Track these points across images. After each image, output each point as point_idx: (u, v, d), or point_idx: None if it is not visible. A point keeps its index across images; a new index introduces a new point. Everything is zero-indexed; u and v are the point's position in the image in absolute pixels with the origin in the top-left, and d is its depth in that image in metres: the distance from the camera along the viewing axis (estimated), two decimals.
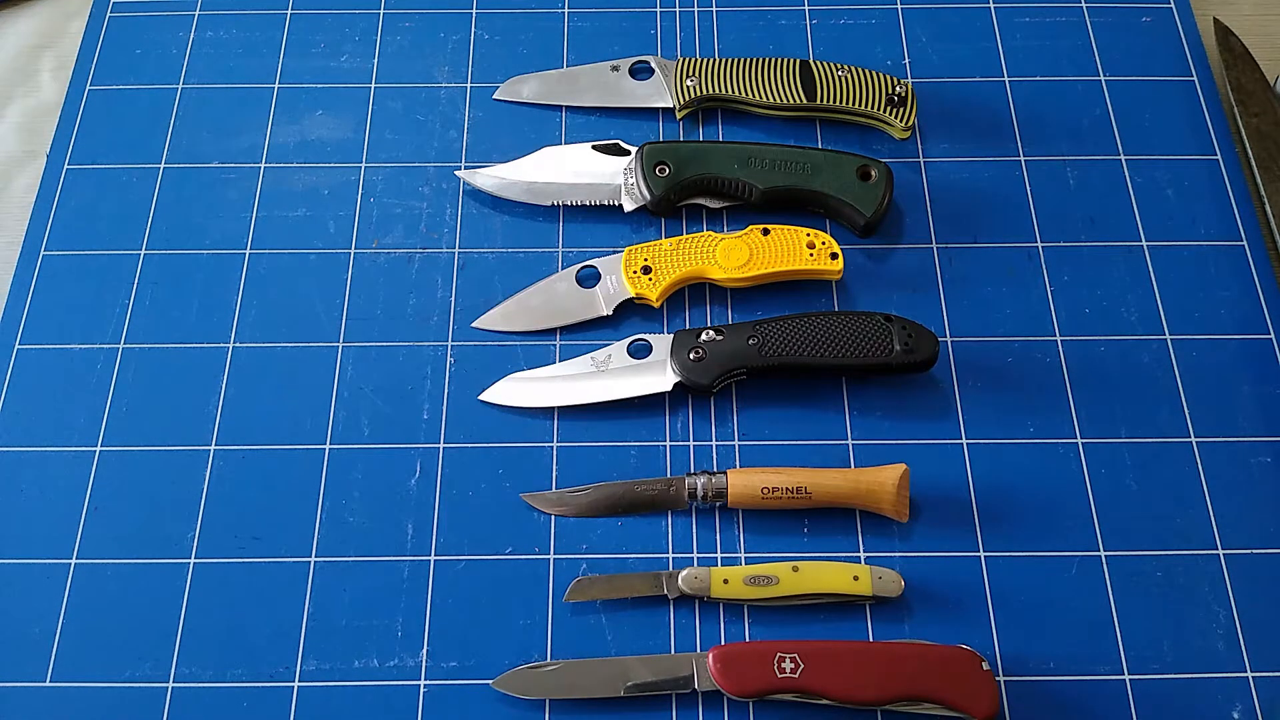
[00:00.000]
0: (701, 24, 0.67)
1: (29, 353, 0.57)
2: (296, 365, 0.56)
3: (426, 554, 0.51)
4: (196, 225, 0.60)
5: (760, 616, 0.50)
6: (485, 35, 0.67)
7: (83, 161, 0.62)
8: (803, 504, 0.50)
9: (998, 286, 0.58)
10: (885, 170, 0.58)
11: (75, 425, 0.54)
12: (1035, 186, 0.61)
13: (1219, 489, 0.52)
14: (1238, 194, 0.60)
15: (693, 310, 0.58)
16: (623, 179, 0.59)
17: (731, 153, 0.59)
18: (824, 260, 0.56)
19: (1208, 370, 0.55)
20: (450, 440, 0.54)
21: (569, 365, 0.55)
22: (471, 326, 0.57)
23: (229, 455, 0.54)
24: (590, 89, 0.64)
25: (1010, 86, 0.64)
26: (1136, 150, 0.62)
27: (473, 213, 0.61)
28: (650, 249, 0.57)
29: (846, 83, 0.61)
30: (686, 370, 0.53)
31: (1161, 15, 0.67)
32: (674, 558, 0.51)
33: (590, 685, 0.47)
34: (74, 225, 0.60)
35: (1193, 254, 0.59)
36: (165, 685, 0.48)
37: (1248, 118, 0.62)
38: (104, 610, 0.50)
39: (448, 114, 0.64)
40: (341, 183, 0.61)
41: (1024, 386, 0.55)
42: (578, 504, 0.52)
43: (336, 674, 0.49)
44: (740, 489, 0.50)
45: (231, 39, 0.67)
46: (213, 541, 0.51)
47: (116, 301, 0.58)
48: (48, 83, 0.67)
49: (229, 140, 0.63)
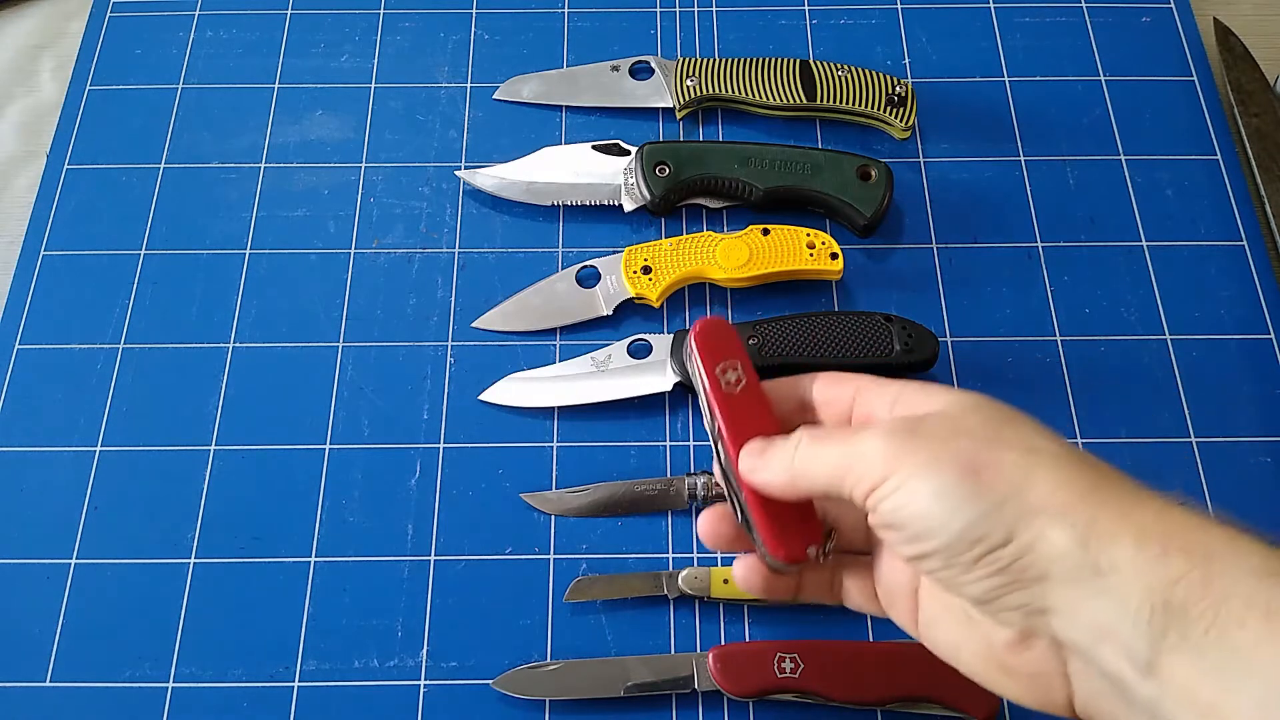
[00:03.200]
0: (701, 24, 0.67)
1: (29, 353, 0.56)
2: (296, 365, 0.56)
3: (426, 554, 0.51)
4: (196, 225, 0.60)
5: (760, 616, 0.50)
6: (485, 35, 0.67)
7: (83, 161, 0.62)
8: None
9: (998, 286, 0.58)
10: (885, 170, 0.58)
11: (75, 425, 0.54)
12: (1035, 186, 0.61)
13: (1219, 489, 0.52)
14: (1238, 194, 0.60)
15: (693, 310, 0.58)
16: (623, 179, 0.59)
17: (731, 153, 0.59)
18: (824, 260, 0.56)
19: (1208, 370, 0.55)
20: (450, 440, 0.54)
21: (569, 365, 0.55)
22: (471, 326, 0.57)
23: (229, 455, 0.54)
24: (590, 89, 0.64)
25: (1010, 86, 0.64)
26: (1136, 150, 0.62)
27: (473, 213, 0.61)
28: (650, 249, 0.57)
29: (846, 83, 0.61)
30: (687, 370, 0.53)
31: (1161, 15, 0.67)
32: (674, 558, 0.51)
33: (590, 685, 0.47)
34: (74, 225, 0.60)
35: (1193, 254, 0.59)
36: (165, 685, 0.48)
37: (1248, 118, 0.62)
38: (104, 610, 0.50)
39: (448, 114, 0.64)
40: (341, 183, 0.61)
41: (1024, 386, 0.55)
42: (578, 504, 0.52)
43: (336, 674, 0.49)
44: None
45: (231, 39, 0.67)
46: (213, 541, 0.51)
47: (116, 301, 0.58)
48: (48, 83, 0.67)
49: (229, 140, 0.63)
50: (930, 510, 0.30)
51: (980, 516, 0.30)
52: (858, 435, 0.33)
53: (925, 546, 0.31)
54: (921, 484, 0.30)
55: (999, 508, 0.30)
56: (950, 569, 0.31)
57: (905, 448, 0.31)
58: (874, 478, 0.31)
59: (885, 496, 0.31)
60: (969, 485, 0.30)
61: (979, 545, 0.30)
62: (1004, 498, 0.30)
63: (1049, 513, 0.29)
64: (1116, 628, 0.28)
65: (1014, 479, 0.30)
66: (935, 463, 0.31)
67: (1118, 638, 0.28)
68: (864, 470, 0.32)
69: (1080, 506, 0.29)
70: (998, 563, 0.30)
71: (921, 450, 0.31)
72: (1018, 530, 0.29)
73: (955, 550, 0.30)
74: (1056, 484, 0.30)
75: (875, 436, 0.32)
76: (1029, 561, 0.29)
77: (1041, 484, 0.30)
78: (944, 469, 0.30)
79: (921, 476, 0.31)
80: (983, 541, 0.30)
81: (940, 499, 0.30)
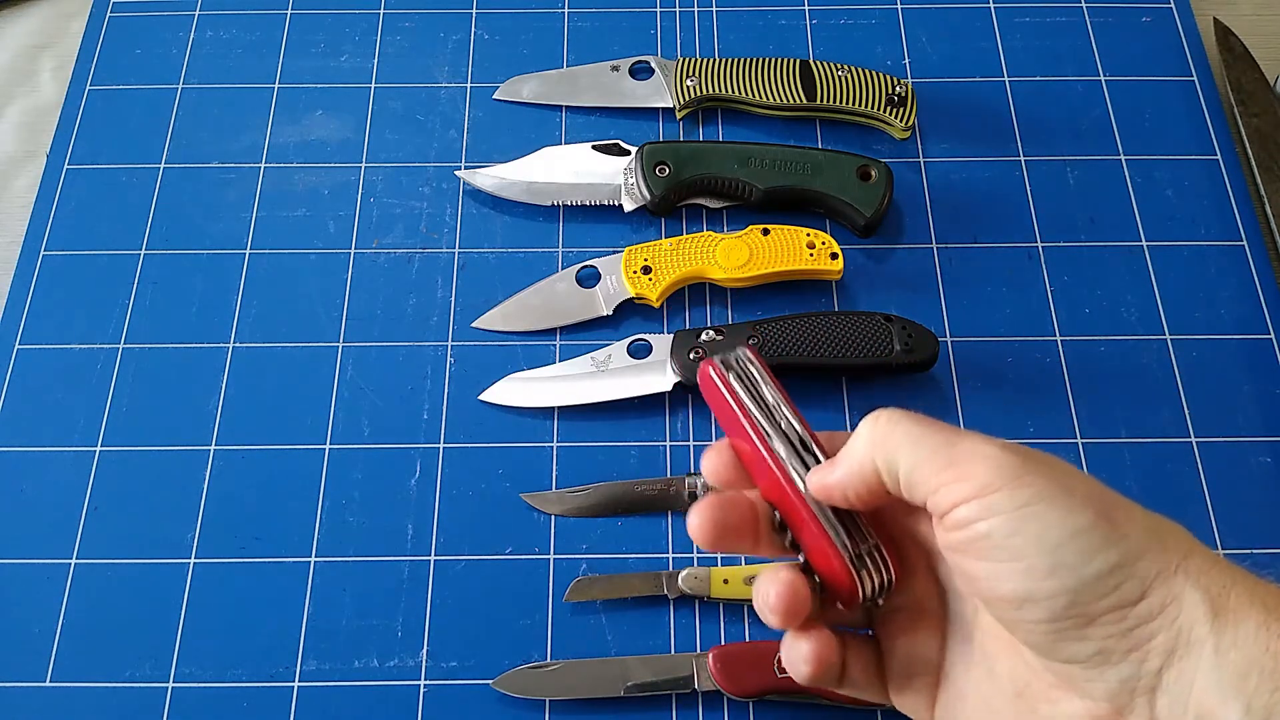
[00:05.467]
0: (701, 24, 0.67)
1: (29, 353, 0.56)
2: (296, 365, 0.56)
3: (426, 554, 0.51)
4: (196, 225, 0.60)
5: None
6: (485, 35, 0.67)
7: (83, 161, 0.62)
8: None
9: (998, 286, 0.58)
10: (885, 170, 0.58)
11: (75, 425, 0.54)
12: (1035, 186, 0.61)
13: (1219, 489, 0.52)
14: (1238, 194, 0.60)
15: (693, 310, 0.58)
16: (623, 179, 0.59)
17: (731, 153, 0.59)
18: (824, 260, 0.56)
19: (1208, 370, 0.55)
20: (450, 440, 0.54)
21: (569, 365, 0.55)
22: (471, 326, 0.57)
23: (229, 455, 0.54)
24: (590, 89, 0.64)
25: (1010, 86, 0.64)
26: (1136, 150, 0.62)
27: (473, 213, 0.61)
28: (650, 249, 0.57)
29: (846, 83, 0.61)
30: (687, 370, 0.53)
31: (1161, 15, 0.67)
32: (674, 558, 0.51)
33: (590, 685, 0.47)
34: (74, 225, 0.60)
35: (1193, 254, 0.59)
36: (165, 685, 0.48)
37: (1248, 118, 0.62)
38: (104, 610, 0.50)
39: (448, 114, 0.64)
40: (341, 183, 0.61)
41: (1024, 386, 0.55)
42: (578, 504, 0.52)
43: (336, 674, 0.49)
44: None
45: (231, 39, 0.67)
46: (213, 541, 0.51)
47: (116, 301, 0.58)
48: (48, 83, 0.67)
49: (229, 140, 0.63)
50: (1061, 547, 0.27)
51: (1116, 565, 0.26)
52: (963, 434, 0.29)
53: (1046, 585, 0.27)
54: (1054, 513, 0.27)
55: (1135, 560, 0.27)
56: (1060, 621, 0.27)
57: (1028, 466, 0.27)
58: (978, 485, 0.27)
59: (990, 515, 0.27)
60: (1104, 530, 0.27)
61: (1110, 597, 0.26)
62: (1142, 550, 0.27)
63: (1188, 573, 0.27)
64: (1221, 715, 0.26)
65: (1149, 533, 0.27)
66: (1068, 494, 0.27)
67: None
68: (966, 472, 0.28)
69: (1214, 572, 0.27)
70: (1123, 621, 0.27)
71: (1050, 476, 0.27)
72: (1154, 587, 0.27)
73: (1082, 599, 0.27)
74: (1190, 547, 0.27)
75: (990, 442, 0.28)
76: (1157, 626, 0.26)
77: (1174, 544, 0.27)
78: (1078, 507, 0.27)
79: (1053, 505, 0.27)
80: (1115, 593, 0.26)
81: (1076, 536, 0.27)
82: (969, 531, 0.28)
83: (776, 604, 0.31)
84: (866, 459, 0.30)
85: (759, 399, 0.34)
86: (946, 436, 0.29)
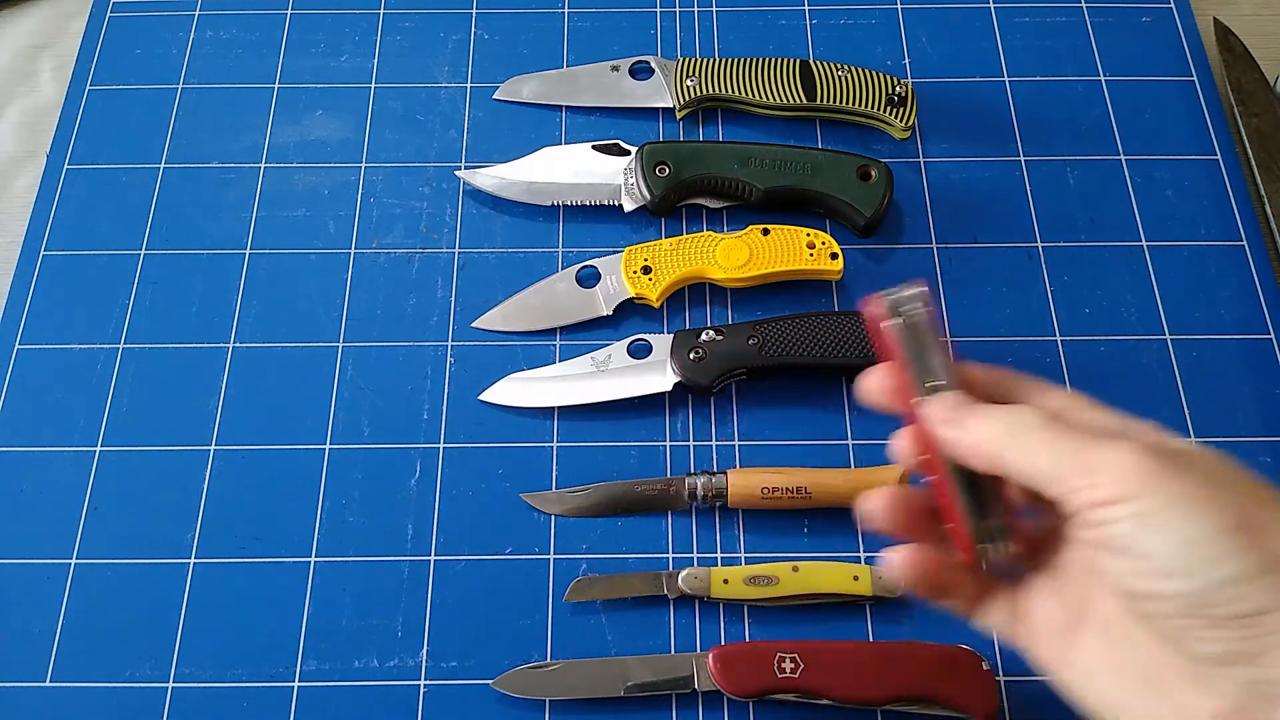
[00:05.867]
0: (701, 24, 0.67)
1: (29, 353, 0.57)
2: (296, 365, 0.56)
3: (426, 554, 0.51)
4: (196, 225, 0.60)
5: (760, 616, 0.50)
6: (485, 35, 0.67)
7: (83, 161, 0.62)
8: (803, 504, 0.50)
9: (998, 286, 0.58)
10: (885, 170, 0.58)
11: (75, 425, 0.54)
12: (1035, 186, 0.61)
13: None
14: (1238, 194, 0.60)
15: (693, 310, 0.58)
16: (623, 179, 0.59)
17: (731, 153, 0.59)
18: (824, 260, 0.56)
19: (1208, 370, 0.55)
20: (450, 440, 0.54)
21: (569, 365, 0.55)
22: (471, 326, 0.57)
23: (229, 455, 0.54)
24: (590, 89, 0.64)
25: (1010, 86, 0.64)
26: (1136, 150, 0.62)
27: (473, 213, 0.61)
28: (650, 249, 0.57)
29: (846, 83, 0.61)
30: (686, 370, 0.53)
31: (1161, 15, 0.67)
32: (674, 558, 0.51)
33: (590, 685, 0.47)
34: (74, 225, 0.60)
35: (1193, 254, 0.59)
36: (165, 685, 0.48)
37: (1248, 118, 0.62)
38: (104, 610, 0.50)
39: (448, 114, 0.64)
40: (341, 183, 0.61)
41: None
42: (578, 504, 0.52)
43: (336, 674, 0.49)
44: (740, 489, 0.50)
45: (231, 39, 0.67)
46: (213, 541, 0.51)
47: (116, 301, 0.58)
48: (48, 83, 0.67)
49: (229, 140, 0.63)
50: (1188, 551, 0.28)
51: (1246, 575, 0.27)
52: (1103, 440, 0.30)
53: (1169, 586, 0.28)
54: (1184, 521, 0.28)
55: (1267, 572, 0.27)
56: (1188, 619, 0.28)
57: (1166, 473, 0.28)
58: (1114, 491, 0.29)
59: (1123, 518, 0.29)
60: (1240, 539, 0.27)
61: (1237, 604, 0.27)
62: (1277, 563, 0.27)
63: None
64: None
65: None
66: (1203, 503, 0.28)
67: None
68: (1103, 479, 0.29)
69: None
70: (1252, 628, 0.27)
71: (1187, 483, 0.28)
72: None
73: (1207, 602, 0.28)
74: None
75: (1129, 450, 0.29)
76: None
77: None
78: (1213, 512, 0.28)
79: (1185, 513, 0.28)
80: (1243, 601, 0.27)
81: (1204, 544, 0.28)
82: (1099, 531, 0.29)
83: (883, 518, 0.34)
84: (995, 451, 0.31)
85: (918, 351, 0.35)
86: (1083, 442, 0.30)
